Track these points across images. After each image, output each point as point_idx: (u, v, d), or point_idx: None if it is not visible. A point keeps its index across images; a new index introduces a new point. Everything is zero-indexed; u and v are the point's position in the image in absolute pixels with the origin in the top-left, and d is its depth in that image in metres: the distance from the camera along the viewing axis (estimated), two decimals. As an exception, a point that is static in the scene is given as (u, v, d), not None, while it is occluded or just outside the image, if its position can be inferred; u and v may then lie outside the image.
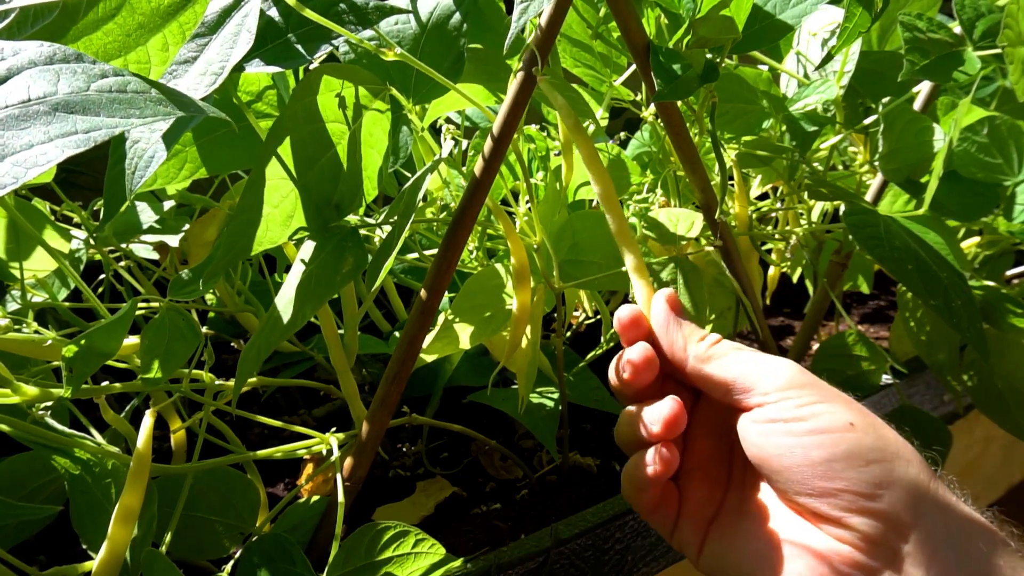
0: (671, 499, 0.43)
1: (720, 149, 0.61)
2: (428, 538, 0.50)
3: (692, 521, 0.43)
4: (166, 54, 0.43)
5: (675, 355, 0.41)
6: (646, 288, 0.44)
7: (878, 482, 0.36)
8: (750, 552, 0.39)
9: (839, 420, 0.37)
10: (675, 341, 0.41)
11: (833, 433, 0.36)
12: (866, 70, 0.73)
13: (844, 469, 0.36)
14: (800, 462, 0.36)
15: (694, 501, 0.43)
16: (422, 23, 0.52)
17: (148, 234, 0.70)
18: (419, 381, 0.75)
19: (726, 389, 0.40)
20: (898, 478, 0.36)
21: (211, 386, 0.57)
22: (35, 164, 0.24)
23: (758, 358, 0.39)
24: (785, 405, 0.38)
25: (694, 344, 0.41)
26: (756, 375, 0.39)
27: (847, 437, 0.36)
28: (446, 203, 0.68)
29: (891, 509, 0.35)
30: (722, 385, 0.40)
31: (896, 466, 0.36)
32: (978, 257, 0.91)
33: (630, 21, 0.51)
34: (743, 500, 0.42)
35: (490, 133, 0.48)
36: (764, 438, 0.38)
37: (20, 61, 0.27)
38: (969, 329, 0.64)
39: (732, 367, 0.40)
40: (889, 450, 0.36)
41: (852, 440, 0.36)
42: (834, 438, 0.36)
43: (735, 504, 0.42)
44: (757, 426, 0.38)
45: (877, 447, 0.36)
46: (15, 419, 0.47)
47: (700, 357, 0.40)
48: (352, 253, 0.47)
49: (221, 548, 0.55)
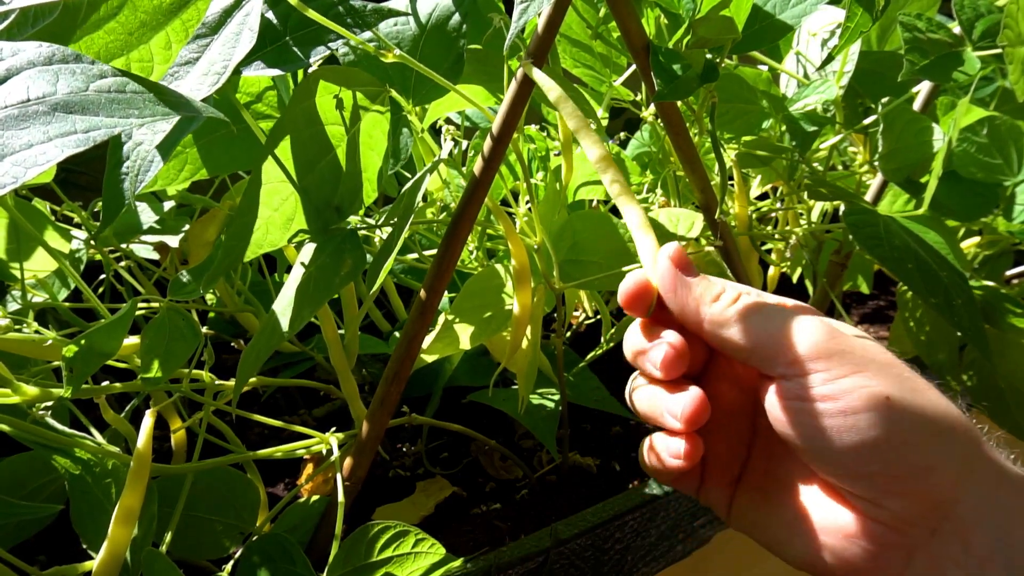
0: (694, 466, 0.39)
1: (720, 149, 0.61)
2: (428, 538, 0.50)
3: (717, 482, 0.40)
4: (169, 52, 0.43)
5: (688, 319, 0.36)
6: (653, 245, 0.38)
7: (919, 464, 0.32)
8: (779, 521, 0.37)
9: (874, 397, 0.32)
10: (686, 304, 0.36)
11: (868, 413, 0.32)
12: (866, 70, 0.73)
13: (880, 453, 0.32)
14: (830, 445, 0.33)
15: (718, 461, 0.40)
16: (421, 24, 0.52)
17: (148, 234, 0.70)
18: (419, 381, 0.75)
19: (746, 356, 0.35)
20: (942, 456, 0.32)
21: (211, 386, 0.57)
22: (34, 164, 0.24)
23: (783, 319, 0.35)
24: (813, 379, 0.33)
25: (708, 306, 0.36)
26: (780, 342, 0.34)
27: (883, 418, 0.32)
28: (446, 203, 0.68)
29: (933, 489, 0.32)
30: (742, 351, 0.35)
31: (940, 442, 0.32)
32: (978, 257, 0.91)
33: (630, 21, 0.51)
34: (770, 463, 0.39)
35: (490, 133, 0.48)
36: (790, 415, 0.34)
37: (19, 61, 0.27)
38: (970, 328, 0.64)
39: (752, 332, 0.35)
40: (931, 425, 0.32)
41: (889, 420, 0.32)
42: (869, 419, 0.32)
43: (762, 466, 0.39)
44: (783, 402, 0.34)
45: (917, 425, 0.32)
46: (15, 419, 0.47)
47: (716, 321, 0.35)
48: (351, 255, 0.47)
49: (221, 548, 0.55)
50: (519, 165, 0.56)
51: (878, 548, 0.33)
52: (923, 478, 0.32)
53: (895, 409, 0.32)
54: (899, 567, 0.33)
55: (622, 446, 0.76)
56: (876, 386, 0.33)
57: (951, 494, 0.32)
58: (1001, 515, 0.32)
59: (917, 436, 0.32)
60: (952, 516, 0.32)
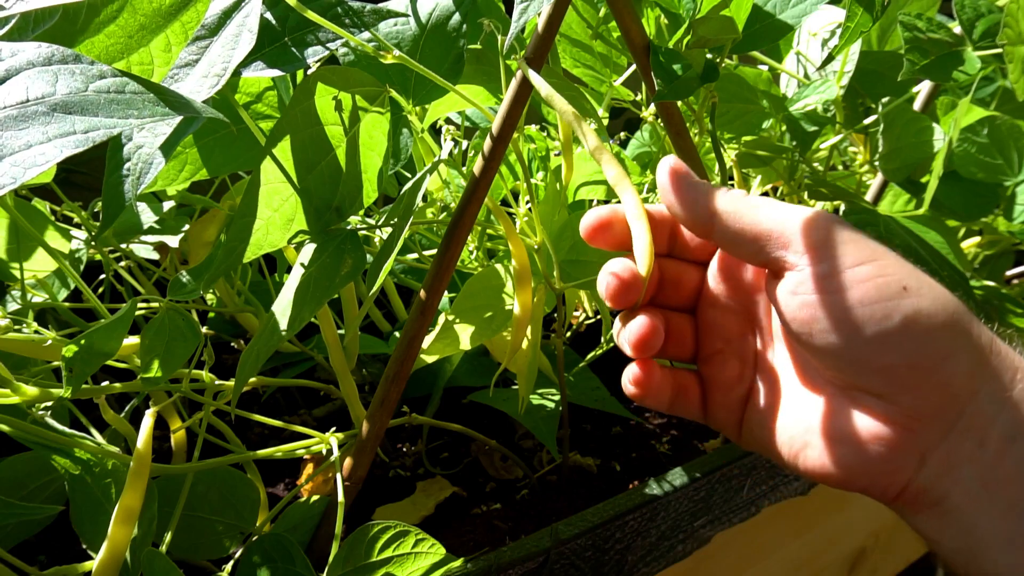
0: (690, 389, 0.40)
1: (720, 149, 0.61)
2: (428, 538, 0.50)
3: (722, 405, 0.39)
4: (169, 55, 0.43)
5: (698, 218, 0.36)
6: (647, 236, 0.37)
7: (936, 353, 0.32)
8: (789, 435, 0.36)
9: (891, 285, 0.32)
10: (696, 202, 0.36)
11: (887, 302, 0.32)
12: (866, 70, 0.73)
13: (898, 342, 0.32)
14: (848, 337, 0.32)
15: (721, 384, 0.40)
16: (421, 24, 0.52)
17: (148, 234, 0.70)
18: (419, 381, 0.75)
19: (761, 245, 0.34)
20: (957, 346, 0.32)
21: (211, 386, 0.57)
22: (33, 164, 0.24)
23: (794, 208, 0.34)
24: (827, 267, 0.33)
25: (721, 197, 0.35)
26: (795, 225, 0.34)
27: (902, 305, 0.32)
28: (446, 203, 0.68)
29: (950, 381, 0.32)
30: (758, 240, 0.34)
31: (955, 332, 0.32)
32: (978, 257, 0.92)
33: (630, 21, 0.51)
34: (776, 376, 0.38)
35: (490, 133, 0.48)
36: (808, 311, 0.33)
37: (18, 62, 0.27)
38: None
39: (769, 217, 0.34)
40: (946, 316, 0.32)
41: (908, 307, 0.32)
42: (888, 307, 0.32)
43: (768, 380, 0.38)
44: (798, 298, 0.33)
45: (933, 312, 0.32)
46: (15, 419, 0.47)
47: (729, 212, 0.35)
48: (351, 255, 0.47)
49: (221, 548, 0.55)
50: (519, 165, 0.56)
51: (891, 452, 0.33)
52: (940, 368, 0.32)
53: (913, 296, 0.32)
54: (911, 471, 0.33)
55: (622, 446, 0.76)
56: (892, 275, 0.32)
57: (968, 385, 0.32)
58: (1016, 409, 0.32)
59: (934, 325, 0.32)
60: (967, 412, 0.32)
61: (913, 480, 0.33)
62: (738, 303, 0.39)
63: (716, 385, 0.40)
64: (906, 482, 0.33)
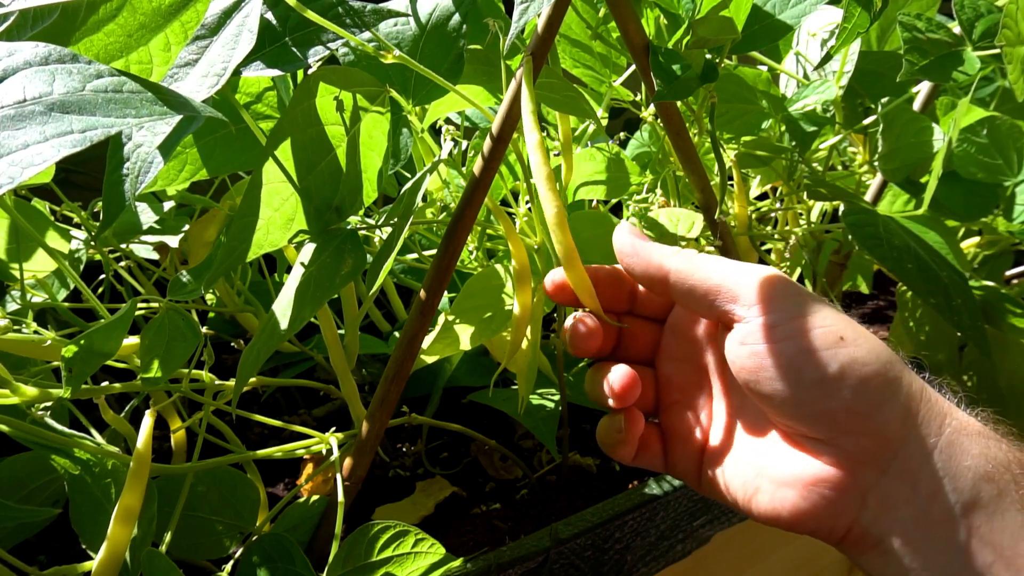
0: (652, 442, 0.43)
1: (720, 149, 0.61)
2: (428, 538, 0.50)
3: (683, 454, 0.42)
4: (168, 54, 0.43)
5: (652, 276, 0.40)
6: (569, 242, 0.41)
7: (872, 398, 0.34)
8: (741, 481, 0.39)
9: (830, 335, 0.35)
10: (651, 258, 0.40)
11: (826, 351, 0.35)
12: (865, 70, 0.73)
13: (837, 389, 0.34)
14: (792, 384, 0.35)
15: (679, 435, 0.42)
16: (421, 24, 0.52)
17: (148, 234, 0.70)
18: (419, 381, 0.75)
19: (711, 300, 0.38)
20: (892, 391, 0.35)
21: (211, 386, 0.57)
22: (31, 164, 0.24)
23: (740, 264, 0.38)
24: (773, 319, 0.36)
25: (674, 257, 0.39)
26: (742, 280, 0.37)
27: (839, 354, 0.34)
28: (446, 203, 0.68)
29: (884, 425, 0.34)
30: (708, 294, 0.38)
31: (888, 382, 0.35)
32: (978, 257, 0.92)
33: (629, 21, 0.51)
34: (730, 425, 0.41)
35: (489, 133, 0.48)
36: (755, 360, 0.36)
37: (16, 62, 0.27)
38: (970, 328, 0.64)
39: (718, 272, 0.38)
40: (880, 361, 0.35)
41: (844, 356, 0.34)
42: (826, 356, 0.34)
43: (722, 429, 0.41)
44: (746, 348, 0.36)
45: (867, 360, 0.35)
46: (15, 419, 0.47)
47: (682, 269, 0.39)
48: (351, 255, 0.47)
49: (221, 548, 0.55)
50: (519, 165, 0.56)
51: (834, 493, 0.35)
52: (874, 414, 0.34)
53: (849, 346, 0.35)
54: (855, 511, 0.35)
55: (622, 446, 0.76)
56: (831, 326, 0.35)
57: (900, 431, 0.34)
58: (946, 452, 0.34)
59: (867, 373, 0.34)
60: (901, 455, 0.34)
61: (856, 521, 0.35)
62: (692, 356, 0.43)
63: (675, 436, 0.43)
64: (850, 523, 0.35)
